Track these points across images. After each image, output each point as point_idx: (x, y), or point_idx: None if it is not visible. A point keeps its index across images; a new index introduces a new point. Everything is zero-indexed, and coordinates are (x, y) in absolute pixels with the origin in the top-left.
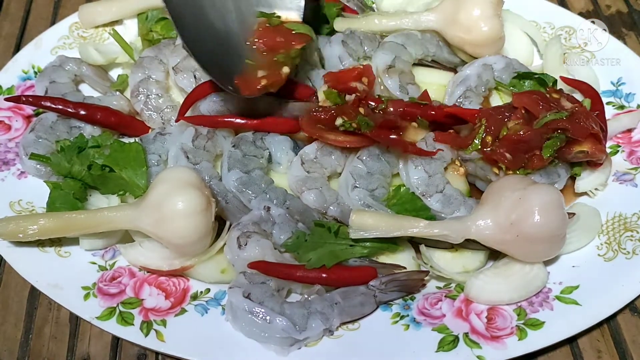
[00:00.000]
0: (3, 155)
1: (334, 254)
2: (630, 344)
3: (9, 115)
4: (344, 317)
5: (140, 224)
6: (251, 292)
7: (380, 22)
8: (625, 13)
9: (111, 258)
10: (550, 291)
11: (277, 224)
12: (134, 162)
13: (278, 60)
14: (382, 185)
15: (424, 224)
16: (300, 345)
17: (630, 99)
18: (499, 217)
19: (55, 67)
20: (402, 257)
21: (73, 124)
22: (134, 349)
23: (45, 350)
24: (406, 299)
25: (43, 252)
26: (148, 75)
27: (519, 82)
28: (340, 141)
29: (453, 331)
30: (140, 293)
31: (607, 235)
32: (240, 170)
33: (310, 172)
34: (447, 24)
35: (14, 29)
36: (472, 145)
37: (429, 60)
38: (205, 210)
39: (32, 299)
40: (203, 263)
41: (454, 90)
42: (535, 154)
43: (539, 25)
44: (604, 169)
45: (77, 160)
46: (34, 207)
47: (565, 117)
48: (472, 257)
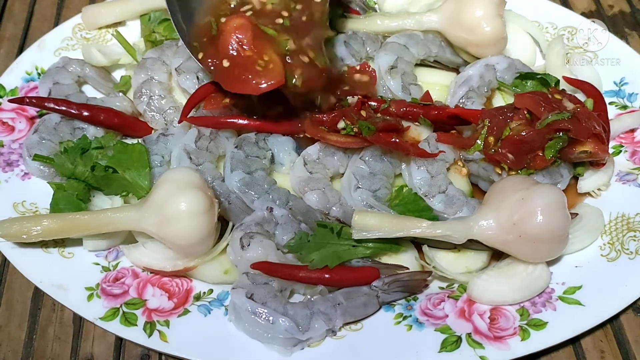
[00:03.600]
0: (7, 156)
1: (336, 254)
2: (634, 344)
3: (12, 117)
4: (346, 318)
5: (143, 224)
6: (254, 293)
7: (382, 23)
8: (627, 13)
9: (114, 259)
10: (553, 291)
11: (279, 225)
12: (137, 163)
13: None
14: (385, 185)
15: (427, 224)
16: (303, 345)
17: (633, 99)
18: (501, 217)
19: (58, 69)
20: (404, 257)
21: (76, 125)
22: (137, 350)
23: (49, 350)
24: (409, 300)
25: (47, 253)
26: (151, 76)
27: (521, 83)
28: (342, 142)
29: (456, 331)
30: (144, 294)
31: (610, 235)
32: (243, 171)
33: (312, 172)
34: (450, 25)
35: (18, 30)
36: (474, 145)
37: (432, 60)
38: (208, 211)
39: (36, 299)
40: (206, 264)
41: (456, 90)
42: (538, 154)
43: (541, 25)
44: (606, 169)
45: (81, 162)
46: (37, 208)
47: (567, 117)
48: (474, 257)
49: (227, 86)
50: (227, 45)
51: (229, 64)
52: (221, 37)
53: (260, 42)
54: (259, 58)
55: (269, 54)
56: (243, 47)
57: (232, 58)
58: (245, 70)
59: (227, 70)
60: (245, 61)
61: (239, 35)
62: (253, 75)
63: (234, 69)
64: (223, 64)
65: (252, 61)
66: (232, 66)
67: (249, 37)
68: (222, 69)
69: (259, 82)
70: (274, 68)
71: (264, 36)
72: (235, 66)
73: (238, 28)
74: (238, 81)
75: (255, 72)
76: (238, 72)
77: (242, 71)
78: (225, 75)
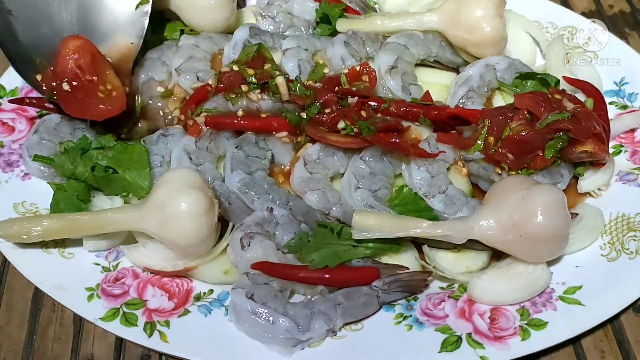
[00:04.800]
0: (7, 156)
1: (336, 254)
2: (634, 344)
3: (12, 117)
4: (346, 318)
5: (143, 225)
6: (254, 293)
7: (382, 23)
8: (628, 13)
9: (115, 259)
10: (554, 291)
11: (280, 225)
12: (137, 164)
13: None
14: (385, 185)
15: (427, 224)
16: (303, 345)
17: (633, 99)
18: (501, 217)
19: None
20: (405, 257)
21: (76, 126)
22: (138, 350)
23: (50, 351)
24: (409, 300)
25: (47, 253)
26: (150, 76)
27: (521, 83)
28: (342, 142)
29: (456, 331)
30: (144, 294)
31: (610, 235)
32: (243, 171)
33: (312, 173)
34: (450, 25)
35: None
36: (474, 145)
37: (432, 60)
38: (209, 211)
39: (36, 300)
40: (206, 264)
41: (456, 90)
42: (538, 154)
43: (541, 25)
44: (606, 169)
45: (81, 162)
46: (37, 208)
47: (567, 117)
48: (475, 257)
49: (68, 110)
50: (66, 67)
51: (69, 87)
52: (58, 58)
53: (100, 65)
54: (100, 83)
55: (110, 79)
56: (83, 71)
57: (72, 81)
58: (87, 96)
59: (67, 94)
60: (87, 86)
61: (76, 58)
62: (95, 101)
63: (75, 93)
64: (63, 87)
65: (93, 86)
66: (74, 90)
67: (87, 60)
68: (62, 92)
69: (102, 109)
70: (117, 95)
71: (102, 59)
72: (76, 90)
73: (76, 50)
74: (80, 106)
75: (98, 97)
76: (80, 97)
77: (84, 96)
78: (65, 99)
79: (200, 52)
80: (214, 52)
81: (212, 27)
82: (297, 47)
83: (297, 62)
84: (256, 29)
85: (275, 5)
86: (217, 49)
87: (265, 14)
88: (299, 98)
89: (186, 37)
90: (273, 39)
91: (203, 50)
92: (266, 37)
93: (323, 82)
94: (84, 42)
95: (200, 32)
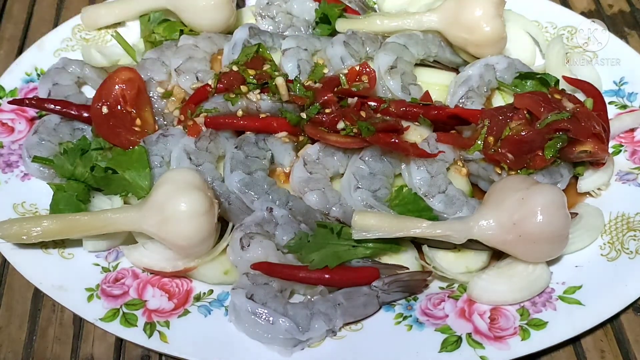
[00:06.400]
0: (6, 157)
1: (336, 254)
2: (634, 344)
3: (12, 118)
4: (346, 318)
5: (143, 225)
6: (254, 293)
7: (382, 23)
8: (627, 12)
9: (114, 259)
10: (553, 291)
11: (279, 225)
12: (137, 164)
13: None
14: (385, 185)
15: (427, 224)
16: (303, 346)
17: (632, 99)
18: (501, 217)
19: (58, 70)
20: (404, 257)
21: (76, 126)
22: (138, 350)
23: (49, 351)
24: (409, 300)
25: (47, 253)
26: (150, 76)
27: (521, 82)
28: (342, 142)
29: (456, 331)
30: (144, 294)
31: (610, 235)
32: (243, 171)
33: (312, 173)
34: (449, 24)
35: (17, 31)
36: (474, 145)
37: (431, 60)
38: (208, 211)
39: (36, 300)
40: (206, 264)
41: (456, 90)
42: (538, 154)
43: (541, 25)
44: (606, 169)
45: (80, 162)
46: (37, 209)
47: (567, 117)
48: (474, 257)
49: (99, 131)
50: (110, 92)
51: (107, 110)
52: (107, 81)
53: (142, 101)
54: (137, 117)
55: (146, 116)
56: (125, 101)
57: (112, 107)
58: (119, 124)
59: (102, 116)
60: (123, 116)
61: (123, 87)
62: (124, 131)
63: (110, 118)
64: (102, 109)
65: (129, 118)
66: (109, 115)
67: (132, 93)
68: (99, 113)
69: (128, 140)
70: (147, 132)
71: (146, 96)
72: (111, 116)
73: (125, 81)
74: (109, 130)
75: (129, 129)
76: (112, 123)
77: (115, 123)
78: (98, 119)
79: (199, 52)
80: (213, 53)
81: (211, 27)
82: (296, 47)
83: (297, 62)
84: (256, 29)
85: (275, 5)
86: (216, 49)
87: (265, 14)
88: (299, 98)
89: (185, 37)
90: (272, 39)
91: (202, 50)
92: (266, 37)
93: (323, 82)
94: (136, 75)
95: (199, 32)
